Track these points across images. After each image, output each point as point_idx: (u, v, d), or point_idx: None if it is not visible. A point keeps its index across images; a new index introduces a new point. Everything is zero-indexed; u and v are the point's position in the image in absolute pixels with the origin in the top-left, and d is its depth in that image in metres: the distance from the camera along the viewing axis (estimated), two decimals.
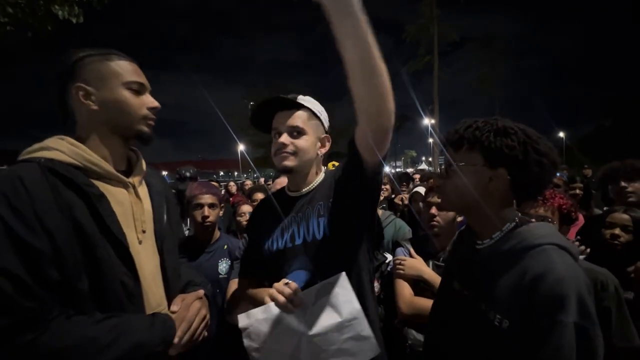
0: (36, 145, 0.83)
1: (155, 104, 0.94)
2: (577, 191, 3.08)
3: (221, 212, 1.92)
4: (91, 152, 0.85)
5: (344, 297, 0.96)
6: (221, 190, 5.13)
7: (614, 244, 1.48)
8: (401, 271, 1.51)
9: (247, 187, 5.74)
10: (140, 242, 0.88)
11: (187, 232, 2.36)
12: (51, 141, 0.83)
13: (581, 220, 2.17)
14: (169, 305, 0.93)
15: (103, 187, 0.84)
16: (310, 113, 1.15)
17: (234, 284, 1.71)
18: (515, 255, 0.77)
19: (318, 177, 1.21)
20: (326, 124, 1.21)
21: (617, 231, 1.51)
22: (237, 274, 1.40)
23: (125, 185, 0.90)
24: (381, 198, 2.59)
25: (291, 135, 1.12)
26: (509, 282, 0.75)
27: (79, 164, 0.82)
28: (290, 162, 1.12)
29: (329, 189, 1.14)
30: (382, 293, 1.73)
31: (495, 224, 0.84)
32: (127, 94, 0.88)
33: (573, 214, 1.50)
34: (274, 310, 0.98)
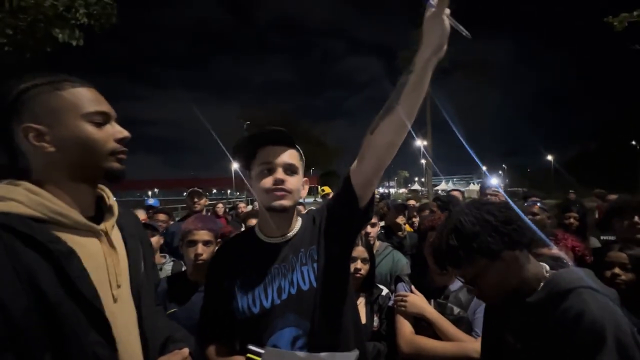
0: None
1: (124, 133, 0.80)
2: (572, 220, 3.03)
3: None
4: (55, 199, 0.72)
5: None
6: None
7: (617, 284, 1.46)
8: (403, 308, 1.49)
9: (240, 211, 5.62)
10: (115, 301, 0.76)
11: (183, 268, 2.23)
12: (3, 189, 0.70)
13: None
14: None
15: (71, 240, 0.72)
16: (299, 154, 1.11)
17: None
18: (552, 303, 0.82)
19: (297, 222, 1.13)
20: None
21: (616, 270, 1.48)
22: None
23: (96, 234, 0.78)
24: (378, 230, 2.57)
25: (286, 173, 1.04)
26: (549, 328, 0.80)
27: (42, 216, 0.69)
28: (287, 202, 1.02)
29: (311, 235, 1.08)
30: (381, 327, 1.68)
31: (532, 286, 0.90)
32: (88, 128, 0.75)
33: (587, 257, 1.48)
34: None
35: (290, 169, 1.05)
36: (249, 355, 0.90)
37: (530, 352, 0.85)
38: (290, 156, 1.06)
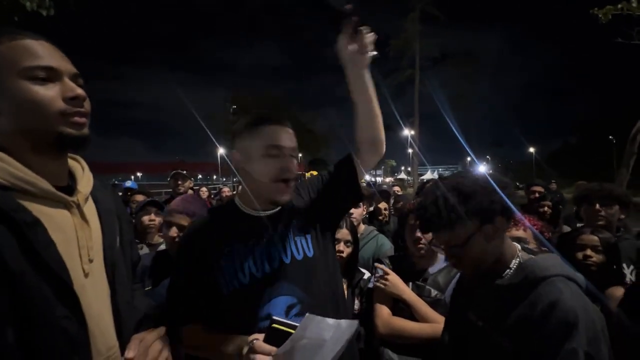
0: None
1: (76, 91, 0.70)
2: (546, 209, 3.16)
3: None
4: (22, 166, 0.67)
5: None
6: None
7: (588, 265, 1.52)
8: (382, 285, 1.49)
9: (225, 195, 5.53)
10: (86, 275, 0.73)
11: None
12: None
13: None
14: (122, 346, 0.76)
15: (38, 210, 0.67)
16: None
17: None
18: (525, 288, 0.83)
19: None
20: None
21: (588, 252, 1.55)
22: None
23: (67, 206, 0.73)
24: (364, 213, 2.57)
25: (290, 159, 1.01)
26: (520, 313, 0.81)
27: (5, 183, 0.65)
28: (290, 194, 1.02)
29: (301, 207, 1.08)
30: (362, 310, 1.69)
31: (504, 263, 0.90)
32: (27, 87, 0.66)
33: (545, 234, 1.54)
34: None
35: (293, 154, 1.01)
36: (275, 325, 0.83)
37: (493, 332, 0.86)
38: (293, 140, 1.02)
